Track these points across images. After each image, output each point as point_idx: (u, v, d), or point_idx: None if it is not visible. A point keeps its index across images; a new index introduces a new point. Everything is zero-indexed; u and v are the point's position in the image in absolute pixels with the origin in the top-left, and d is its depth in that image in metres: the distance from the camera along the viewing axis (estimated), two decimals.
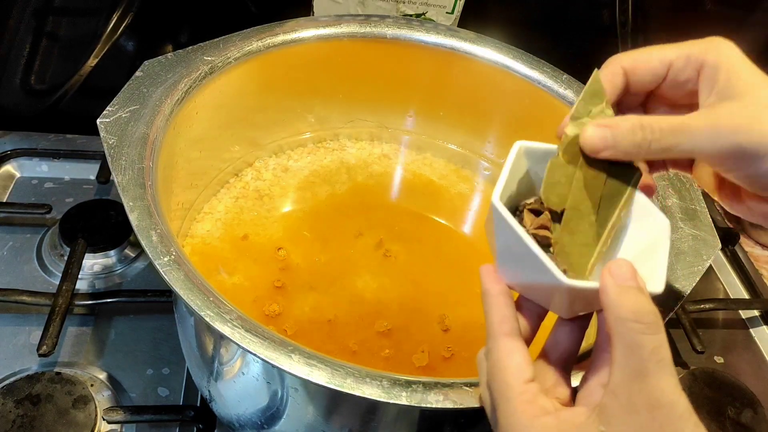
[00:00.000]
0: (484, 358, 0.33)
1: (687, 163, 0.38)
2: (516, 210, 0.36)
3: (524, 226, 0.34)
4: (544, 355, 0.34)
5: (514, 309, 0.33)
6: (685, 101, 0.34)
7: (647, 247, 0.33)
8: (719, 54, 0.32)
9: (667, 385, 0.27)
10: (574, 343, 0.34)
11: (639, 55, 0.34)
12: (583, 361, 0.34)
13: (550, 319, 0.35)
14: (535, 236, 0.34)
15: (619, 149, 0.32)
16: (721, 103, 0.32)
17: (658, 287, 0.31)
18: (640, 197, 0.34)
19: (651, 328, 0.27)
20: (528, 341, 0.34)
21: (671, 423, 0.27)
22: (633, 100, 0.36)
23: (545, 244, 0.34)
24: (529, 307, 0.34)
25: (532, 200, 0.36)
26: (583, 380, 0.32)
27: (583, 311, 0.33)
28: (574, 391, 0.32)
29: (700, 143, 0.31)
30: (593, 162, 0.34)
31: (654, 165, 0.38)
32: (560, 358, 0.34)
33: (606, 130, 0.32)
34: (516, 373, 0.31)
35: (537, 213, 0.35)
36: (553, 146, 0.35)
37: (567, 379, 0.33)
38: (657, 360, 0.27)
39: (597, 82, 0.34)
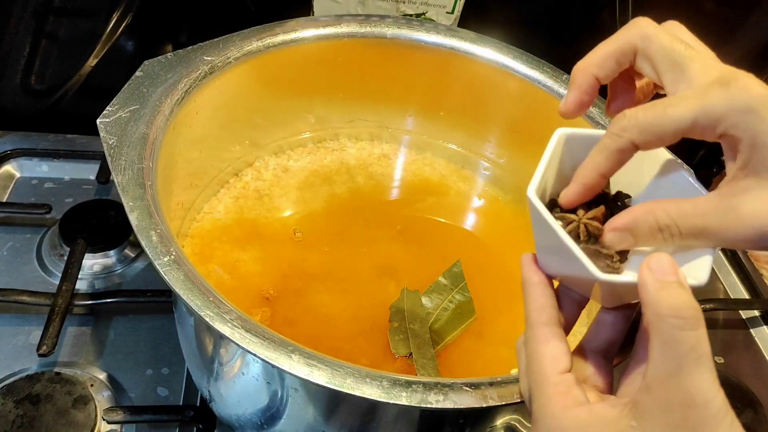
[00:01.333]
0: (522, 346, 0.33)
1: None
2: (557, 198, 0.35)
3: (577, 215, 0.34)
4: (586, 344, 0.34)
5: (553, 298, 0.33)
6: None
7: None
8: (739, 121, 0.29)
9: (703, 383, 0.26)
10: (616, 332, 0.34)
11: (651, 128, 0.30)
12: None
13: (593, 305, 0.35)
14: (586, 226, 0.34)
15: (643, 245, 0.32)
16: (744, 182, 0.29)
17: (701, 278, 0.30)
18: (693, 180, 0.33)
19: (690, 323, 0.27)
20: (568, 329, 0.34)
21: (705, 423, 0.26)
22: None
23: (595, 235, 0.34)
24: (570, 295, 0.34)
25: None
26: (626, 368, 0.31)
27: (625, 302, 0.33)
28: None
29: (727, 241, 0.30)
30: None
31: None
32: (601, 347, 0.33)
33: (625, 235, 0.32)
34: (552, 363, 0.30)
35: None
36: (596, 131, 0.34)
37: (607, 368, 0.33)
38: (695, 357, 0.26)
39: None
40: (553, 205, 0.35)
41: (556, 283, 0.34)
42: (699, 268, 0.31)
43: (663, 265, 0.28)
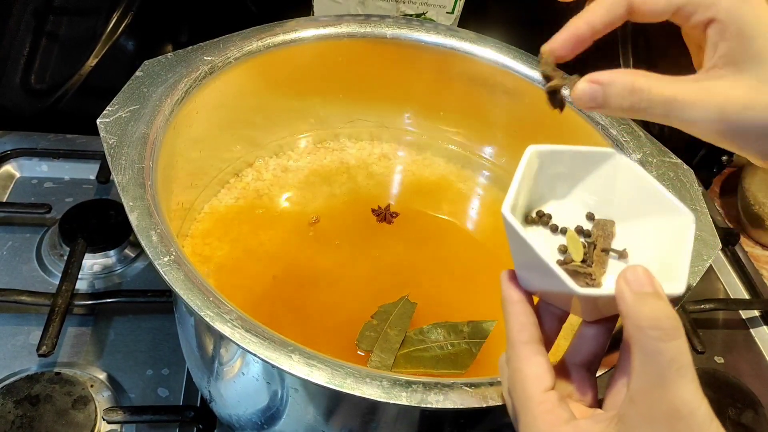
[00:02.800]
0: (505, 364, 0.33)
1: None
2: (535, 214, 0.36)
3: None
4: (568, 358, 0.34)
5: (533, 316, 0.33)
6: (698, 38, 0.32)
7: (670, 244, 0.33)
8: (732, 7, 0.29)
9: (687, 393, 0.26)
10: (599, 345, 0.34)
11: None
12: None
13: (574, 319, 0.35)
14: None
15: (608, 109, 0.31)
16: (722, 70, 0.30)
17: (679, 288, 0.30)
18: (664, 191, 0.33)
19: (670, 334, 0.26)
20: (549, 344, 0.34)
21: None
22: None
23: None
24: (550, 310, 0.34)
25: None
26: (611, 379, 0.31)
27: (605, 315, 0.33)
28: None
29: (691, 118, 0.30)
30: None
31: None
32: (584, 360, 0.33)
33: (597, 88, 0.31)
34: (535, 382, 0.30)
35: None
36: (567, 147, 0.35)
37: (591, 381, 0.33)
38: (677, 368, 0.26)
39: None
40: (527, 221, 0.36)
41: (536, 299, 0.34)
42: (676, 276, 0.31)
43: (639, 276, 0.28)
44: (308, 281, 0.55)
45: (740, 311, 0.73)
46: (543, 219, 0.36)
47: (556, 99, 0.35)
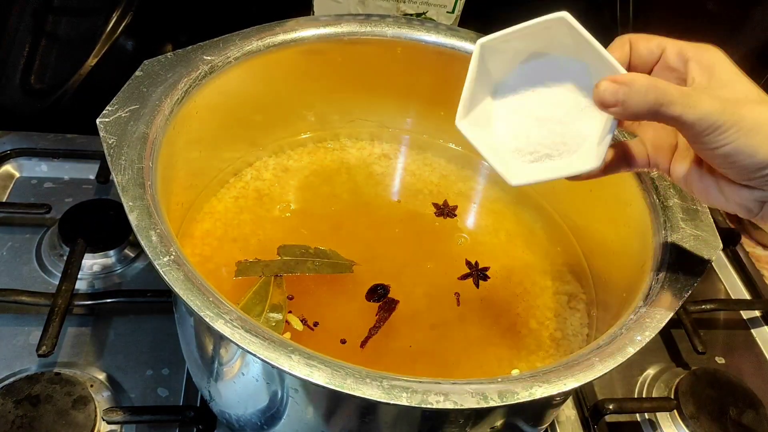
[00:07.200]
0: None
1: (668, 156, 0.40)
2: None
3: None
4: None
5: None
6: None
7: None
8: (706, 54, 0.36)
9: None
10: None
11: (643, 35, 0.38)
12: None
13: None
14: None
15: (628, 108, 0.33)
16: (712, 87, 0.35)
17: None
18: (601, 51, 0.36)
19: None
20: None
21: None
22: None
23: None
24: None
25: None
26: None
27: None
28: None
29: (701, 115, 0.33)
30: None
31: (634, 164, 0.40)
32: None
33: (620, 87, 0.33)
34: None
35: None
36: (511, 29, 0.40)
37: None
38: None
39: None
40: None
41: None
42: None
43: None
44: (307, 281, 0.55)
45: (741, 311, 0.73)
46: None
47: None
